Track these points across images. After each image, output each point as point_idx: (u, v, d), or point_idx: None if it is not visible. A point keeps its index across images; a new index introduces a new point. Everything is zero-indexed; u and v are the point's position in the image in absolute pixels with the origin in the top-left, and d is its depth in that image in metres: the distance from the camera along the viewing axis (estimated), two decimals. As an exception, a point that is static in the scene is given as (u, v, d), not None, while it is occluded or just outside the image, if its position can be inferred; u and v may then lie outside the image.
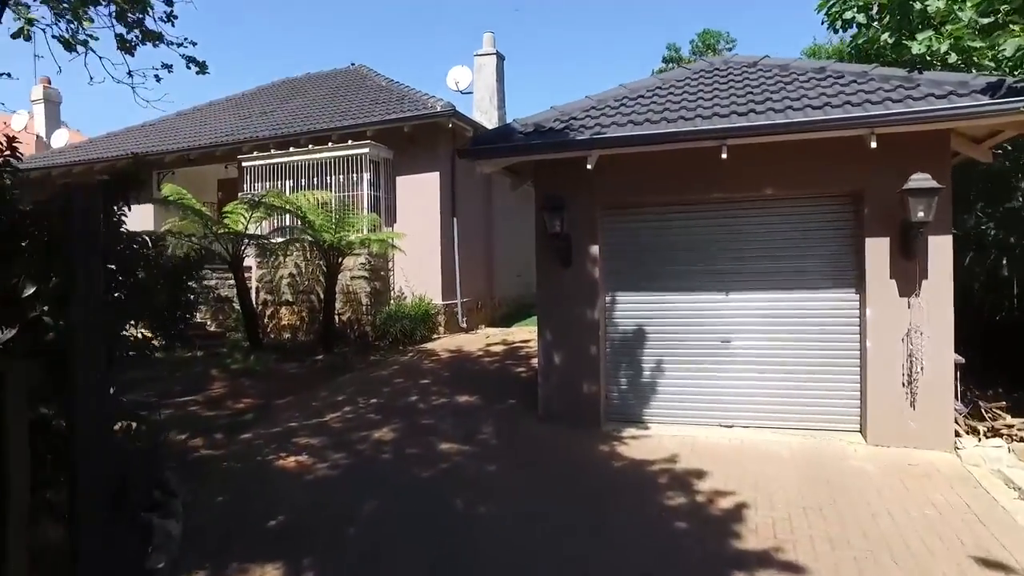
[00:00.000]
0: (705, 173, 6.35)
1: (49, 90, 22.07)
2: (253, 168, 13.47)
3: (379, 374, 9.48)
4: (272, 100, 17.06)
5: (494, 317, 14.80)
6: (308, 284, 12.69)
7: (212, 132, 15.10)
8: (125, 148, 15.87)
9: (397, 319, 11.76)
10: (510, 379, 9.00)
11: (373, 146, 12.47)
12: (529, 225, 7.56)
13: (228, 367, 10.00)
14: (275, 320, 13.03)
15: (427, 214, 12.68)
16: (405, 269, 12.80)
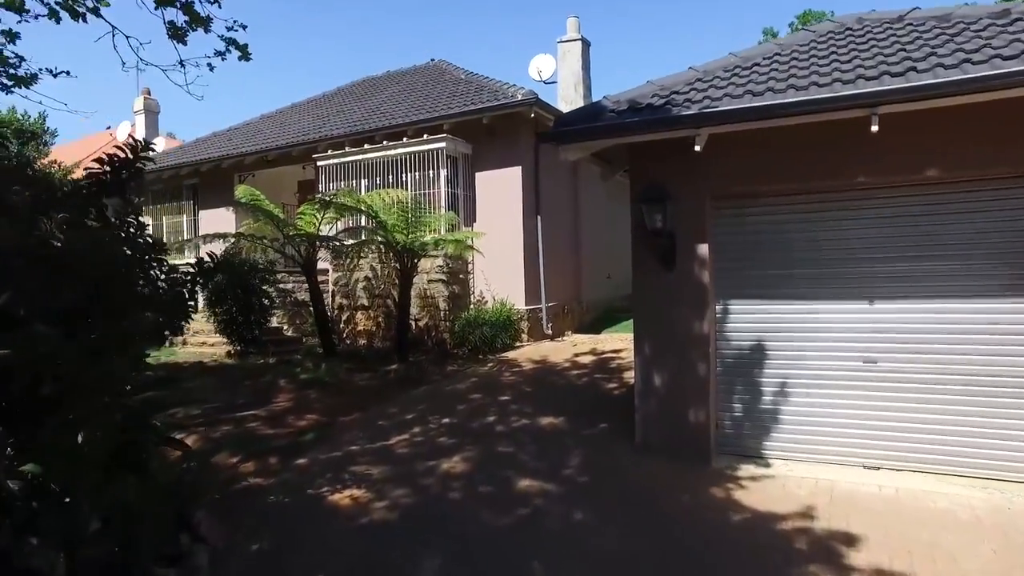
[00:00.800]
0: (846, 152, 5.08)
1: (149, 101, 22.80)
2: (328, 167, 12.99)
3: (455, 388, 8.64)
4: (350, 99, 16.67)
5: (582, 323, 13.73)
6: (384, 288, 12.06)
7: (290, 133, 14.80)
8: (210, 152, 15.87)
9: (476, 325, 10.92)
10: (601, 397, 7.93)
11: (450, 140, 11.68)
12: (621, 221, 6.50)
13: (297, 377, 9.44)
14: (351, 325, 12.49)
15: (508, 212, 11.78)
16: (486, 271, 11.95)
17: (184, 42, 6.64)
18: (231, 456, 6.15)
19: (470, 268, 12.17)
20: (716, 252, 5.75)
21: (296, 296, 13.22)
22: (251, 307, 10.96)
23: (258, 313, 11.17)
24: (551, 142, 5.81)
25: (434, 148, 11.69)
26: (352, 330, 12.47)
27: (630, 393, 7.39)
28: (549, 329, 12.19)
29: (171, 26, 6.53)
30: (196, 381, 9.29)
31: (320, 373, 9.54)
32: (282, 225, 10.56)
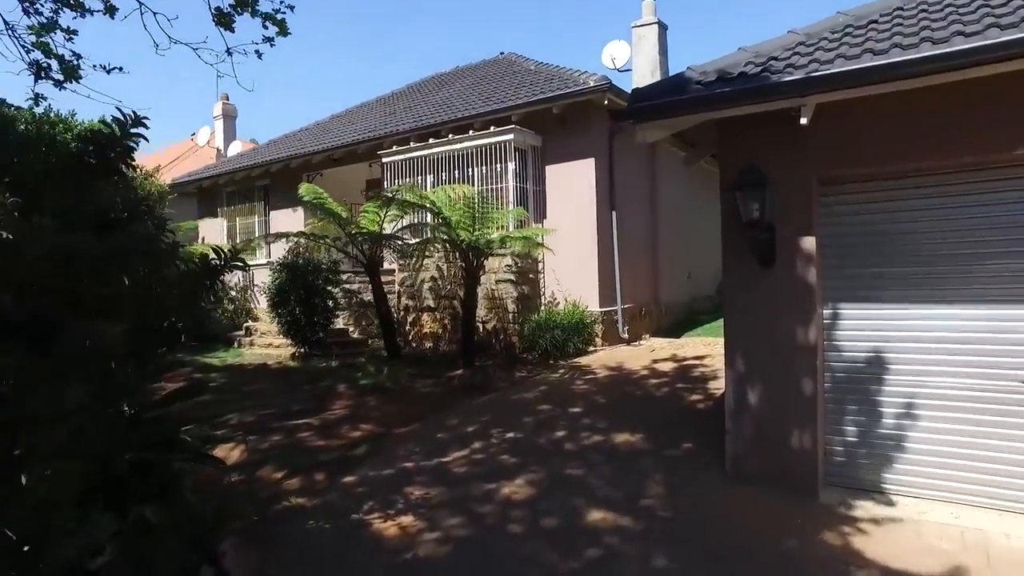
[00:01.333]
0: (998, 120, 4.09)
1: (227, 105, 23.25)
2: (393, 164, 12.59)
3: (522, 397, 7.96)
4: (418, 95, 16.30)
5: (660, 326, 12.80)
6: (450, 288, 11.52)
7: (358, 131, 14.51)
8: (279, 153, 15.83)
9: (547, 328, 10.22)
10: (683, 411, 7.08)
11: (518, 131, 11.02)
12: (702, 214, 5.66)
13: (357, 382, 9.00)
14: (416, 327, 12.03)
15: (581, 206, 11.02)
16: (557, 271, 11.23)
17: (231, 28, 6.26)
18: (276, 471, 5.70)
19: (540, 267, 11.48)
20: (824, 247, 4.83)
21: (362, 297, 12.89)
22: (314, 308, 10.64)
23: (321, 314, 10.85)
24: (628, 120, 5.06)
25: (501, 140, 11.06)
26: (418, 332, 12.01)
27: (717, 407, 6.55)
28: (625, 333, 11.34)
29: (217, 13, 6.17)
30: (255, 385, 9.01)
31: (381, 378, 9.07)
32: (344, 223, 10.18)
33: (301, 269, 10.74)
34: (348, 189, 14.36)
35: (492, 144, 11.18)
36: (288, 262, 10.88)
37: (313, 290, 10.68)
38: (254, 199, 16.73)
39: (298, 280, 10.65)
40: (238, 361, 11.20)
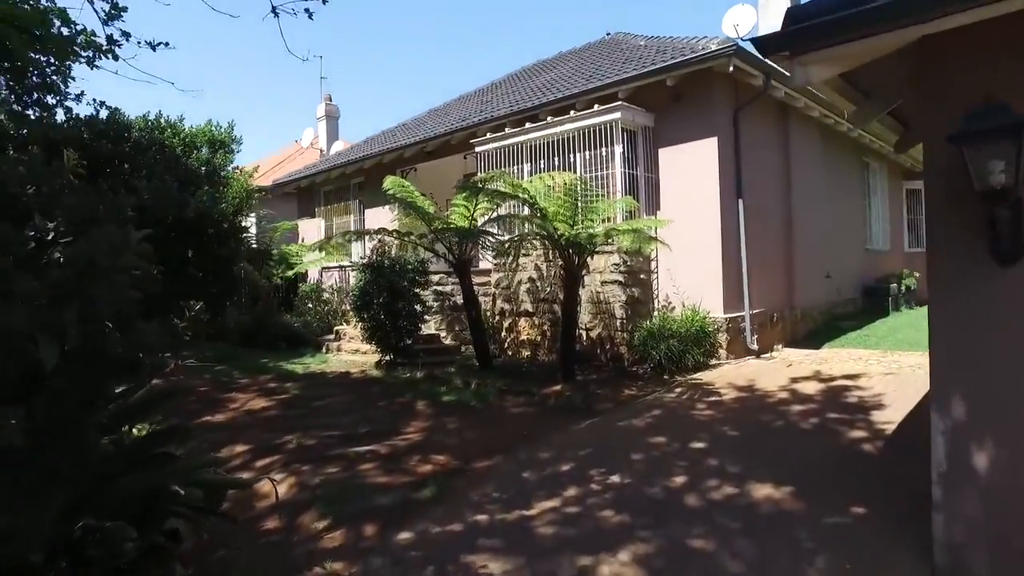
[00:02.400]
0: None
1: (330, 106, 23.22)
2: (487, 153, 11.46)
3: (630, 424, 6.53)
4: (517, 83, 15.13)
5: (794, 335, 10.90)
6: (551, 291, 10.24)
7: (452, 122, 13.53)
8: (374, 149, 15.17)
9: (661, 337, 8.70)
10: (843, 454, 5.39)
11: (626, 109, 9.55)
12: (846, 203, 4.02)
13: (440, 398, 7.90)
14: (513, 334, 10.83)
15: (701, 194, 9.40)
16: (672, 270, 9.67)
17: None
18: (320, 517, 4.61)
19: (653, 266, 9.95)
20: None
21: (455, 300, 11.86)
22: (398, 313, 9.67)
23: (407, 319, 9.87)
24: (781, 50, 3.51)
25: (607, 121, 9.63)
26: (514, 339, 10.81)
27: (892, 450, 4.93)
28: (753, 343, 9.59)
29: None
30: (328, 399, 8.11)
31: (466, 394, 7.92)
32: (430, 219, 9.13)
33: (385, 270, 9.81)
34: (443, 185, 13.41)
35: (596, 125, 9.77)
36: (371, 262, 10.00)
37: (398, 292, 9.72)
38: (349, 197, 16.22)
39: (382, 282, 9.73)
40: (320, 368, 10.45)
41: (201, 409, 7.70)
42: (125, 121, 15.29)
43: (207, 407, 7.83)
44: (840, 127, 12.23)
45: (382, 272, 9.78)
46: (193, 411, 7.61)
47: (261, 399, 8.14)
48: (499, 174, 8.65)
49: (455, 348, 11.26)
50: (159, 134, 16.28)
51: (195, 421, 7.17)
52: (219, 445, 6.24)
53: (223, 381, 9.52)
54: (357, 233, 9.49)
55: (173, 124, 17.09)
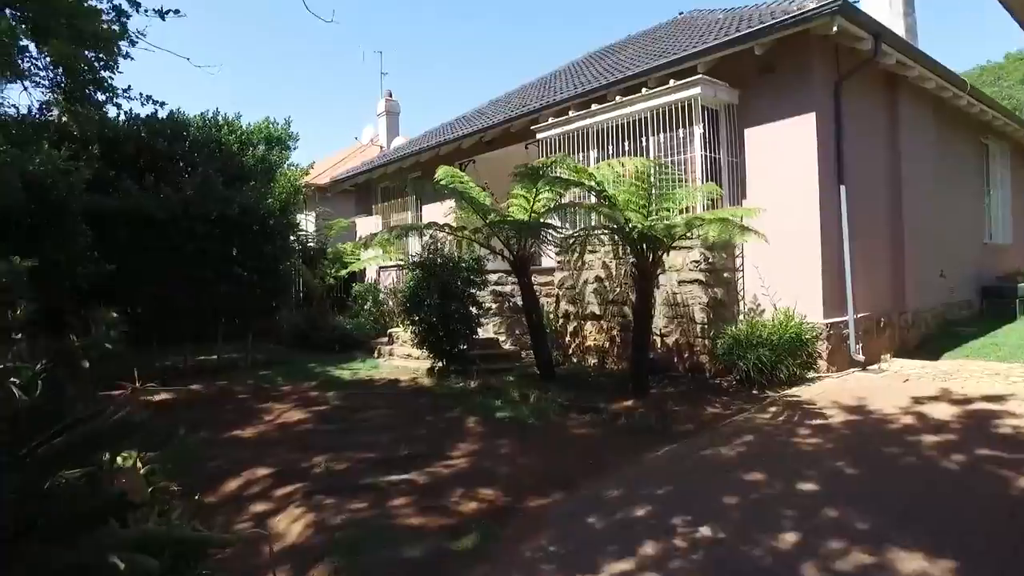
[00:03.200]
0: None
1: (390, 102, 22.69)
2: (549, 141, 10.46)
3: (718, 454, 5.40)
4: (582, 67, 14.04)
5: (905, 342, 9.45)
6: (621, 291, 9.16)
7: (513, 109, 12.59)
8: (432, 142, 14.40)
9: (749, 345, 7.50)
10: (1017, 508, 4.12)
11: (707, 84, 8.36)
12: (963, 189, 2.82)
13: (493, 414, 6.96)
14: (578, 339, 9.80)
15: (797, 180, 8.13)
16: (761, 268, 8.43)
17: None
18: (333, 573, 3.72)
19: (738, 264, 8.72)
20: None
21: (514, 301, 10.92)
22: (451, 316, 8.78)
23: (461, 323, 8.96)
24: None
25: (685, 98, 8.47)
26: (579, 345, 9.77)
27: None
28: (859, 353, 8.23)
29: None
30: (370, 411, 7.28)
31: (523, 411, 6.94)
32: (486, 211, 8.20)
33: (437, 268, 8.94)
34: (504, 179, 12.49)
35: (672, 104, 8.61)
36: (422, 260, 9.15)
37: (450, 293, 8.83)
38: (407, 194, 15.53)
39: (433, 282, 8.87)
40: (368, 375, 9.68)
41: (233, 421, 7.01)
42: (183, 120, 15.10)
43: (240, 418, 7.13)
44: (958, 101, 10.62)
45: (433, 271, 8.91)
46: (225, 423, 6.93)
47: (298, 410, 7.40)
48: (561, 158, 7.61)
49: (515, 354, 10.31)
50: (216, 132, 16.06)
51: (223, 435, 6.48)
52: (240, 466, 5.49)
53: (264, 388, 8.86)
54: (405, 228, 8.64)
55: (230, 122, 16.83)
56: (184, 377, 9.70)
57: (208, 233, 9.68)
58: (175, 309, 9.54)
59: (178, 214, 9.45)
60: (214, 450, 5.97)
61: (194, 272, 9.50)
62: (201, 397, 8.46)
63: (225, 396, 8.47)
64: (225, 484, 5.12)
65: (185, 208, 9.56)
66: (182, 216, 9.51)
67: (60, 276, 6.87)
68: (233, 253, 9.95)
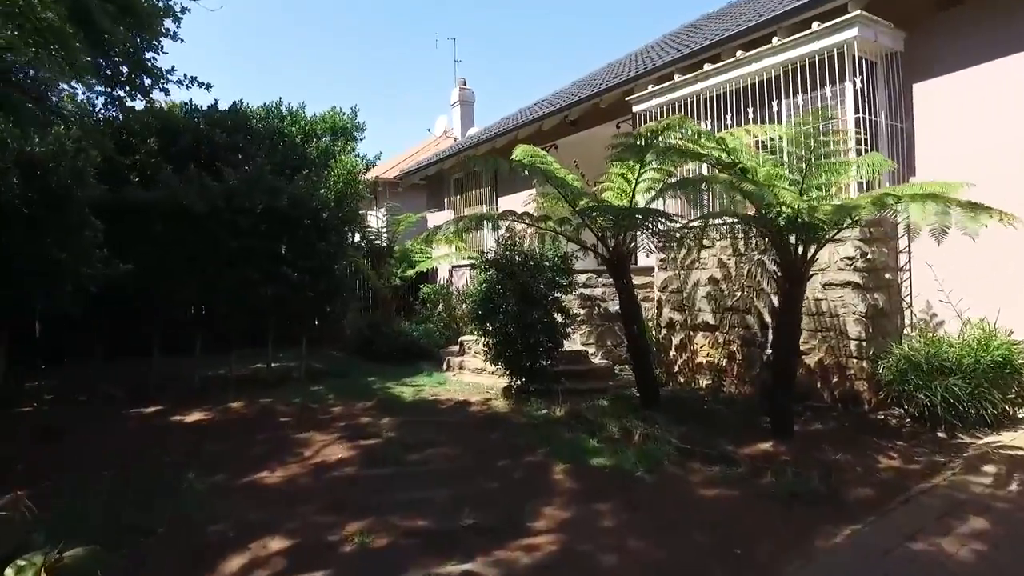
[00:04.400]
0: None
1: (464, 91, 21.33)
2: (647, 114, 8.68)
3: (939, 552, 3.53)
4: (680, 38, 12.12)
5: None
6: (743, 295, 7.31)
7: (601, 84, 10.86)
8: (509, 125, 12.85)
9: (931, 371, 5.54)
10: None
11: (865, 24, 6.38)
12: None
13: (586, 457, 5.30)
14: (686, 354, 8.00)
15: (1003, 149, 6.06)
16: (939, 266, 6.40)
17: None
18: None
19: (902, 262, 6.71)
20: None
21: (605, 306, 9.22)
22: (532, 326, 7.17)
23: (545, 334, 7.34)
24: None
25: (832, 45, 6.53)
26: (687, 362, 7.97)
27: None
28: (1084, 380, 6.06)
29: None
30: (431, 448, 5.74)
31: (627, 456, 5.22)
32: (576, 195, 6.52)
33: (516, 268, 7.35)
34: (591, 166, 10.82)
35: (814, 55, 6.69)
36: (496, 258, 7.58)
37: (532, 298, 7.22)
38: (481, 184, 14.05)
39: (511, 284, 7.29)
40: (434, 393, 8.18)
41: (262, 458, 5.63)
42: (245, 111, 14.19)
43: (271, 454, 5.75)
44: None
45: (511, 271, 7.33)
46: (251, 460, 5.56)
47: (343, 444, 5.95)
48: (676, 120, 5.79)
49: (606, 370, 8.60)
50: (278, 123, 15.13)
51: (242, 480, 5.08)
52: (248, 534, 4.05)
53: (310, 409, 7.51)
54: (475, 219, 7.05)
55: (294, 112, 15.89)
56: (226, 391, 8.52)
57: (253, 228, 8.46)
58: (216, 315, 8.38)
59: (219, 207, 8.26)
60: (224, 504, 4.58)
61: (236, 273, 8.30)
62: (236, 420, 7.19)
63: (264, 419, 7.16)
64: (219, 565, 3.68)
65: (228, 200, 8.37)
66: (224, 209, 8.32)
67: (61, 277, 5.73)
68: (282, 251, 8.69)
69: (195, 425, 6.98)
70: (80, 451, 6.08)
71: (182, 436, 6.48)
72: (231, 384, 8.79)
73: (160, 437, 6.46)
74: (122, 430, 6.86)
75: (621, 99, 9.60)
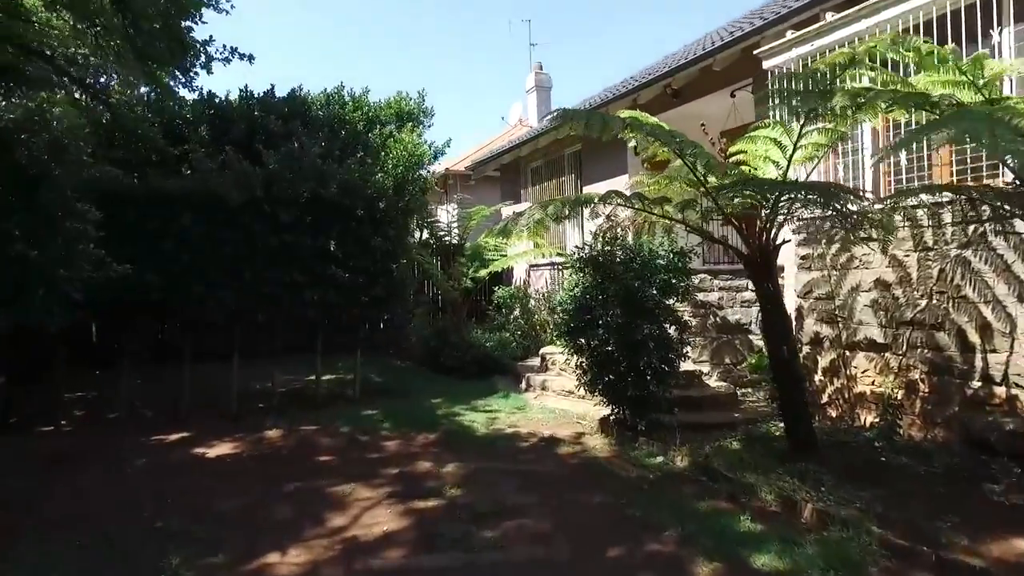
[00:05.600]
0: None
1: (540, 76, 19.70)
2: (781, 70, 6.76)
3: None
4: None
5: None
6: (931, 304, 5.36)
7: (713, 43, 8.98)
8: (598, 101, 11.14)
9: None
10: None
11: None
12: None
13: (735, 547, 3.55)
14: (839, 379, 6.10)
15: None
16: None
17: None
18: None
19: None
20: None
21: (723, 315, 7.42)
22: (641, 345, 5.45)
23: (658, 352, 5.60)
24: None
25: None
26: (842, 390, 6.07)
27: None
28: None
29: None
30: (511, 518, 4.11)
31: (804, 555, 3.45)
32: (706, 168, 4.75)
33: (617, 267, 5.66)
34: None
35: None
36: (592, 255, 5.89)
37: (640, 307, 5.51)
38: (564, 172, 12.40)
39: (612, 288, 5.60)
40: (512, 425, 6.58)
41: (280, 525, 4.15)
42: (303, 97, 13.02)
43: (295, 518, 4.27)
44: None
45: (611, 272, 5.64)
46: (267, 529, 4.08)
47: (392, 508, 4.41)
48: (890, 37, 3.92)
49: (727, 397, 6.78)
50: (339, 109, 13.90)
51: (244, 567, 3.61)
52: None
53: (359, 444, 6.06)
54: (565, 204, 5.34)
55: (356, 98, 14.59)
56: (266, 412, 7.22)
57: (297, 221, 7.10)
58: (251, 324, 7.09)
59: (257, 196, 6.94)
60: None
61: (277, 275, 6.97)
62: (267, 456, 5.79)
63: (300, 456, 5.73)
64: None
65: (267, 187, 7.03)
66: (263, 199, 6.99)
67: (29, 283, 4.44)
68: (331, 248, 7.30)
69: (217, 463, 5.62)
70: (75, 496, 4.80)
71: (196, 481, 5.11)
72: (273, 402, 7.48)
73: (170, 480, 5.13)
74: (131, 466, 5.58)
75: (740, 58, 7.77)
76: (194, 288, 6.72)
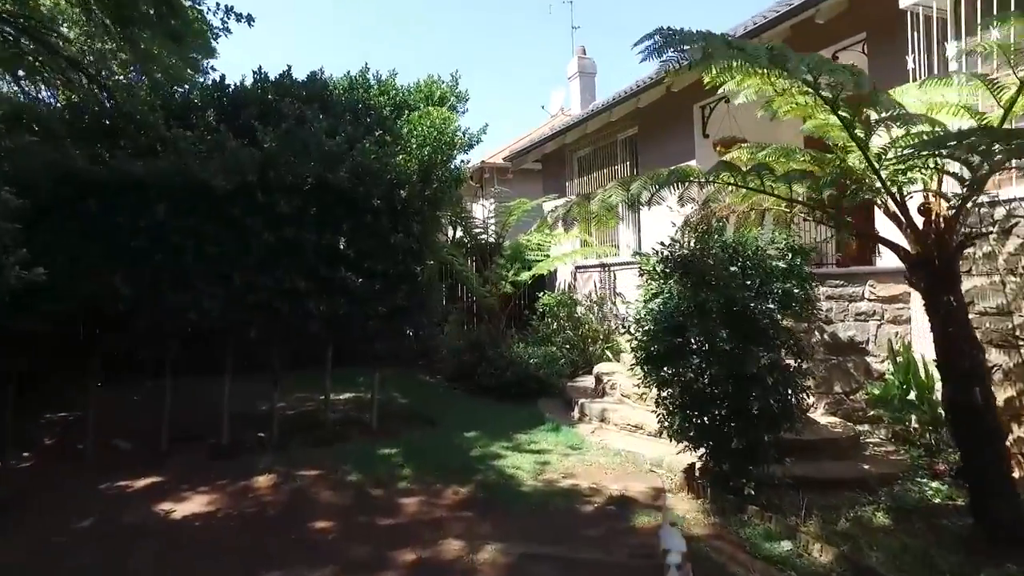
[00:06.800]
0: None
1: (584, 60, 18.15)
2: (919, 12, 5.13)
3: None
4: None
5: None
6: None
7: None
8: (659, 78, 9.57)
9: None
10: None
11: None
12: None
13: None
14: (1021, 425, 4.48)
15: None
16: None
17: None
18: None
19: None
20: None
21: (833, 330, 5.83)
22: (757, 379, 3.91)
23: (777, 390, 4.06)
24: None
25: None
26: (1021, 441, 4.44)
27: None
28: None
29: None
30: None
31: None
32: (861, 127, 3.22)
33: (721, 273, 4.13)
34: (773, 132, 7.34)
35: None
36: (680, 255, 4.37)
37: (752, 327, 3.98)
38: (616, 161, 10.85)
39: (710, 298, 4.08)
40: (567, 474, 5.07)
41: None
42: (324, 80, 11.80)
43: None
44: None
45: (706, 277, 4.12)
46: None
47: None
48: None
49: (847, 441, 5.18)
50: (363, 93, 12.62)
51: None
52: None
53: (370, 500, 4.64)
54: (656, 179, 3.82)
55: (383, 82, 13.27)
56: (263, 447, 5.89)
57: (299, 213, 5.73)
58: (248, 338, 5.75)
59: (249, 181, 5.59)
60: None
61: (272, 280, 5.62)
62: (248, 519, 4.39)
63: (291, 518, 4.33)
64: None
65: (261, 172, 5.68)
66: (256, 184, 5.63)
67: None
68: (341, 246, 5.91)
69: (180, 529, 4.24)
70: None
71: (140, 560, 3.76)
72: (272, 433, 6.12)
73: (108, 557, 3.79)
74: (67, 529, 4.26)
75: (848, 8, 6.18)
76: (168, 296, 5.39)
